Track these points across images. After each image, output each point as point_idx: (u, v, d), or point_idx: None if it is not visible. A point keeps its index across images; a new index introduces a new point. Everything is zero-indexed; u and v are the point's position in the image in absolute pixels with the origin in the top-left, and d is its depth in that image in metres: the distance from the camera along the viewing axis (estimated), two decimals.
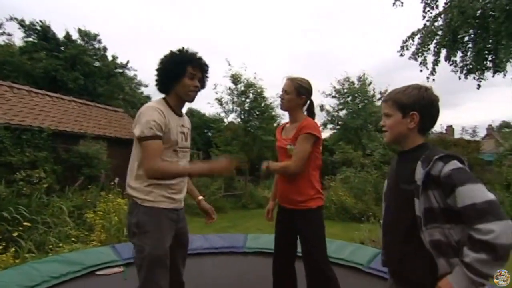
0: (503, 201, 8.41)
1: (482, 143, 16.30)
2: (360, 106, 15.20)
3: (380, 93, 15.27)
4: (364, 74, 15.70)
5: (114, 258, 2.88)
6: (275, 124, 11.76)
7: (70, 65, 14.03)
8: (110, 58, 16.74)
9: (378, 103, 15.25)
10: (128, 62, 17.71)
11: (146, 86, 19.89)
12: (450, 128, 20.19)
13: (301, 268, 2.03)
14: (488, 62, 3.93)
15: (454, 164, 1.06)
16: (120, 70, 17.31)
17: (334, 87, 15.99)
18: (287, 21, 57.76)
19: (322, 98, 16.17)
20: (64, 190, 6.39)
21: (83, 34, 15.75)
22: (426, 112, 1.21)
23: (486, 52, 3.93)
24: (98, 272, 2.70)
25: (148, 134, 1.49)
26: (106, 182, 6.38)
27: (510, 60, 3.49)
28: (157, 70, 1.67)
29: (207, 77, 1.75)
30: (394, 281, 1.30)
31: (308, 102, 2.09)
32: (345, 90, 15.68)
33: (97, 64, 15.57)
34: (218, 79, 14.08)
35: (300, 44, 50.74)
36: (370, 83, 15.59)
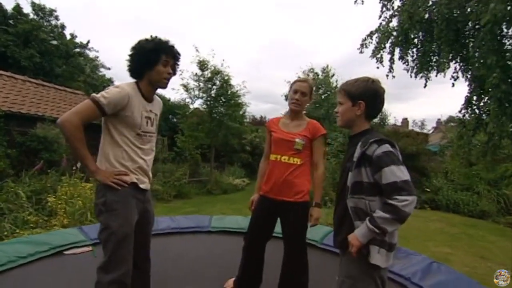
0: (441, 186, 9.43)
1: (430, 135, 17.81)
2: (323, 97, 15.78)
3: None
4: (327, 66, 16.24)
5: (82, 238, 2.93)
6: (241, 112, 11.91)
7: (22, 41, 12.94)
8: (68, 37, 15.66)
9: None
10: (88, 42, 16.72)
11: (109, 68, 18.92)
12: (405, 121, 21.53)
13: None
14: (433, 63, 4.44)
15: (386, 147, 1.28)
16: (80, 50, 16.28)
17: (299, 77, 16.38)
18: (254, 9, 57.28)
19: (287, 88, 16.50)
20: (20, 175, 6.12)
21: (37, 8, 14.50)
22: (371, 101, 1.41)
23: (431, 54, 4.43)
24: (66, 252, 2.74)
25: (95, 96, 1.56)
26: (67, 166, 6.18)
27: (447, 63, 4.01)
28: (130, 56, 1.70)
29: (178, 64, 1.80)
30: (335, 247, 1.53)
31: None
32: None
33: (54, 42, 14.49)
34: (184, 65, 13.85)
35: (266, 33, 50.75)
36: (333, 75, 16.18)
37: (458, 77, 4.47)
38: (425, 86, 4.57)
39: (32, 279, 2.32)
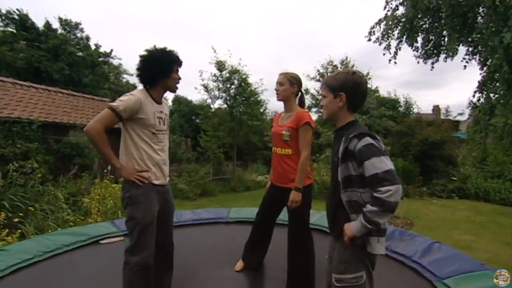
0: (470, 174, 9.14)
1: (463, 123, 17.01)
2: None
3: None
4: (346, 58, 16.03)
5: (114, 230, 3.30)
6: (261, 110, 12.08)
7: (53, 55, 13.85)
8: (93, 47, 16.54)
9: None
10: (112, 50, 17.47)
11: (132, 74, 19.72)
12: (437, 108, 20.34)
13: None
14: (442, 48, 4.44)
15: (366, 140, 1.30)
16: (104, 59, 17.11)
17: (318, 70, 16.29)
18: (271, 4, 57.04)
19: (307, 81, 16.48)
20: (58, 180, 6.65)
21: (64, 23, 15.39)
22: (352, 92, 1.42)
23: (441, 39, 4.43)
24: (102, 241, 3.12)
25: (112, 104, 1.81)
26: (99, 169, 6.66)
27: (455, 48, 4.02)
28: (145, 66, 1.93)
29: None
30: (332, 236, 1.59)
31: (299, 93, 2.41)
32: (329, 74, 15.99)
33: (80, 54, 15.37)
34: (203, 66, 14.20)
35: (284, 28, 50.27)
36: (353, 66, 15.95)
37: (470, 59, 4.46)
38: (431, 69, 4.67)
39: (74, 263, 2.71)
